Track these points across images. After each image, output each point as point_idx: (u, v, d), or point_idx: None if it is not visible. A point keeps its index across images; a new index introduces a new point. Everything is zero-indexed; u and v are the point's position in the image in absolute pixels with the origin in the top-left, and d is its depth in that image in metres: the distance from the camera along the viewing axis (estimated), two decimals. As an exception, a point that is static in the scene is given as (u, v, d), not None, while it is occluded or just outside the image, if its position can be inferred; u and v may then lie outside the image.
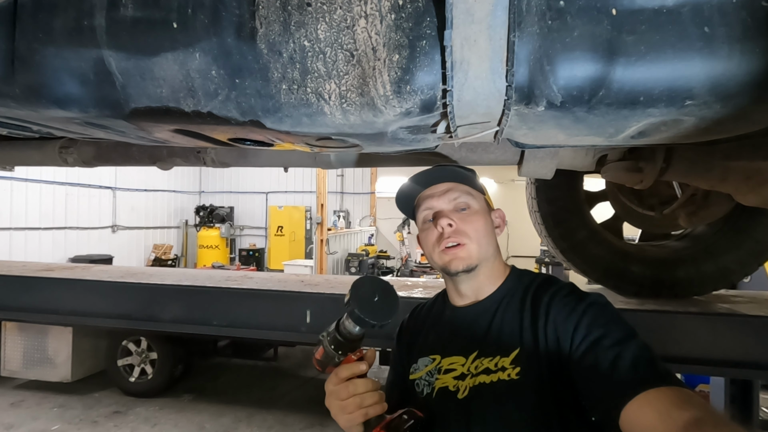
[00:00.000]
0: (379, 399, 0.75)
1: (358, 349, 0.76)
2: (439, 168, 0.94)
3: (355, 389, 0.74)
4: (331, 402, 0.76)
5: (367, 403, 0.73)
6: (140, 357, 4.24)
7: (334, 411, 0.76)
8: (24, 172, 7.67)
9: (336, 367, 0.76)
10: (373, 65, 0.58)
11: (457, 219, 0.87)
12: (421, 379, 0.89)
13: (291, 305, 2.27)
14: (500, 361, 0.81)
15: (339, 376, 0.75)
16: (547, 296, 0.81)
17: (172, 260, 10.68)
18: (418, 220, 0.96)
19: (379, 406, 0.75)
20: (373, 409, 0.74)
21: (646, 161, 1.24)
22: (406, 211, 1.00)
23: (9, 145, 1.81)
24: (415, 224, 0.98)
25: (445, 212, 0.89)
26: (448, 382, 0.85)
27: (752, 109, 0.61)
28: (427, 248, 0.92)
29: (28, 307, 2.66)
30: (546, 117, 0.63)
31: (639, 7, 0.53)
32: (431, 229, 0.90)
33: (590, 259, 1.93)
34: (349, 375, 0.75)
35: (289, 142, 0.83)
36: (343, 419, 0.75)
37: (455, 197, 0.90)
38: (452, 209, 0.89)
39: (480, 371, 0.82)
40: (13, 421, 3.81)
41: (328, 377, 0.77)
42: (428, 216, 0.91)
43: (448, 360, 0.87)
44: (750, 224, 1.78)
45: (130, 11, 0.63)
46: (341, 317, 0.75)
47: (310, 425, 3.83)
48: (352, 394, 0.74)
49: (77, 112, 0.73)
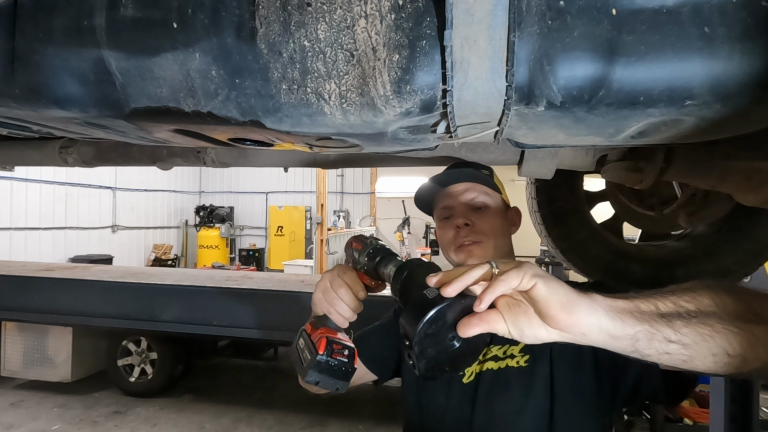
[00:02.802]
0: (348, 317, 0.78)
1: (375, 281, 0.79)
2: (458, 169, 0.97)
3: (342, 294, 0.77)
4: (323, 282, 0.81)
5: (338, 309, 0.78)
6: (140, 357, 4.24)
7: (319, 286, 0.81)
8: (24, 172, 7.68)
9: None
10: (373, 65, 0.58)
11: (473, 217, 0.90)
12: None
13: (291, 305, 2.28)
14: (509, 349, 0.82)
15: (345, 276, 0.79)
16: None
17: (172, 260, 10.68)
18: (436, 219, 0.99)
19: (342, 321, 0.78)
20: (336, 317, 0.78)
21: (646, 161, 1.24)
22: (425, 210, 1.03)
23: (9, 145, 1.81)
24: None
25: (462, 211, 0.92)
26: None
27: (752, 109, 0.61)
28: (443, 245, 0.95)
29: (28, 307, 2.66)
30: (546, 117, 0.63)
31: (639, 7, 0.53)
32: (448, 227, 0.93)
33: (590, 258, 1.93)
34: (350, 283, 0.77)
35: (289, 142, 0.83)
36: (316, 297, 0.81)
37: (473, 197, 0.93)
38: (469, 208, 0.92)
39: (488, 358, 0.83)
40: (13, 420, 3.81)
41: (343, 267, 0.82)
42: (445, 214, 0.95)
43: None
44: (750, 224, 1.78)
45: (130, 11, 0.63)
46: (393, 259, 0.76)
47: (310, 425, 3.83)
48: (337, 295, 0.78)
49: (77, 112, 0.73)
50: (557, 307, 0.51)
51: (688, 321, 0.52)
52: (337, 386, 0.72)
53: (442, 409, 0.84)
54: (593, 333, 0.51)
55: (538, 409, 0.77)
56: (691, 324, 0.52)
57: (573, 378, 0.78)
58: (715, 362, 0.52)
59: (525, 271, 0.52)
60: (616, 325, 0.51)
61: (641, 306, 0.53)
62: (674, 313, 0.53)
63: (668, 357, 0.52)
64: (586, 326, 0.51)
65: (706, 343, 0.51)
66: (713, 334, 0.52)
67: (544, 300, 0.51)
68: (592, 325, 0.51)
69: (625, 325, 0.51)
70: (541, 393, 0.78)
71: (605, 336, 0.51)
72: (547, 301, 0.51)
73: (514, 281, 0.52)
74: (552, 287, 0.51)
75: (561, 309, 0.51)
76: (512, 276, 0.52)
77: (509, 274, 0.52)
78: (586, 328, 0.51)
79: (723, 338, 0.51)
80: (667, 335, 0.51)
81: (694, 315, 0.53)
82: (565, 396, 0.77)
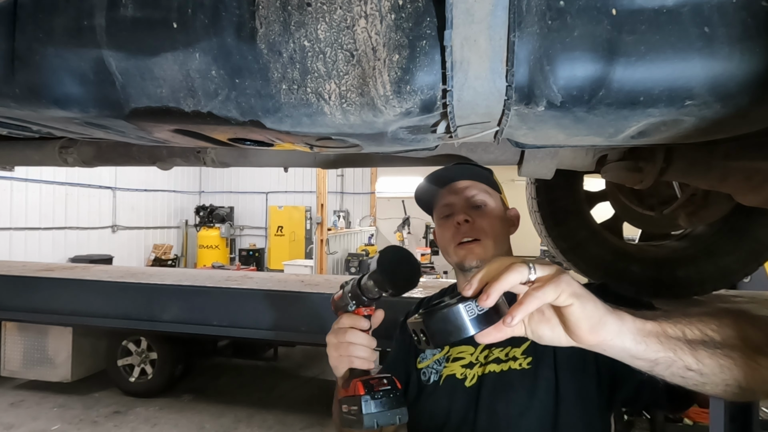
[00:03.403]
0: (369, 356, 0.78)
1: (369, 306, 0.80)
2: (459, 166, 0.97)
3: (351, 338, 0.77)
4: (330, 339, 0.80)
5: (356, 354, 0.77)
6: (140, 357, 4.24)
7: (329, 348, 0.80)
8: (24, 172, 7.67)
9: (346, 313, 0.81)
10: (373, 65, 0.58)
11: (474, 215, 0.90)
12: (429, 368, 0.90)
13: (291, 305, 2.28)
14: (511, 351, 0.82)
15: (342, 321, 0.79)
16: None
17: (172, 260, 10.68)
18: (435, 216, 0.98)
19: (366, 362, 0.78)
20: (359, 362, 0.77)
21: (646, 161, 1.24)
22: (425, 207, 1.02)
23: (9, 145, 1.81)
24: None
25: (463, 208, 0.91)
26: (455, 370, 0.86)
27: (752, 109, 0.61)
28: (443, 243, 0.94)
29: (28, 307, 2.66)
30: (546, 117, 0.63)
31: (639, 7, 0.53)
32: (448, 225, 0.92)
33: (590, 259, 1.93)
34: (350, 324, 0.78)
35: (289, 142, 0.83)
36: (332, 358, 0.80)
37: (473, 195, 0.93)
38: (470, 206, 0.92)
39: (490, 360, 0.83)
40: (13, 420, 3.81)
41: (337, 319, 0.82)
42: (446, 212, 0.94)
43: (456, 349, 0.88)
44: (750, 224, 1.78)
45: (130, 11, 0.62)
46: (366, 273, 0.78)
47: (310, 425, 3.83)
48: (347, 341, 0.77)
49: (77, 112, 0.73)
50: (586, 328, 0.50)
51: (713, 352, 0.52)
52: (398, 416, 0.72)
53: (446, 412, 0.84)
54: (614, 352, 0.52)
55: (542, 411, 0.77)
56: (715, 356, 0.52)
57: (577, 380, 0.77)
58: (725, 391, 0.53)
59: (563, 288, 0.49)
60: (639, 348, 0.51)
61: (668, 330, 0.52)
62: (699, 341, 0.52)
63: (682, 380, 0.52)
64: (609, 348, 0.51)
65: (723, 374, 0.52)
66: (732, 368, 0.51)
67: (576, 321, 0.50)
68: (615, 346, 0.51)
69: (648, 350, 0.51)
70: (544, 395, 0.77)
71: (626, 356, 0.52)
72: (578, 323, 0.50)
73: (550, 297, 0.49)
74: (587, 310, 0.50)
75: (589, 331, 0.50)
76: (549, 292, 0.49)
77: (546, 290, 0.49)
78: (609, 349, 0.51)
79: (740, 372, 0.51)
80: (688, 364, 0.51)
81: (718, 346, 0.52)
82: (569, 398, 0.77)
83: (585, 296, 0.50)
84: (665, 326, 0.53)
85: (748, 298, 2.12)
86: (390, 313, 0.86)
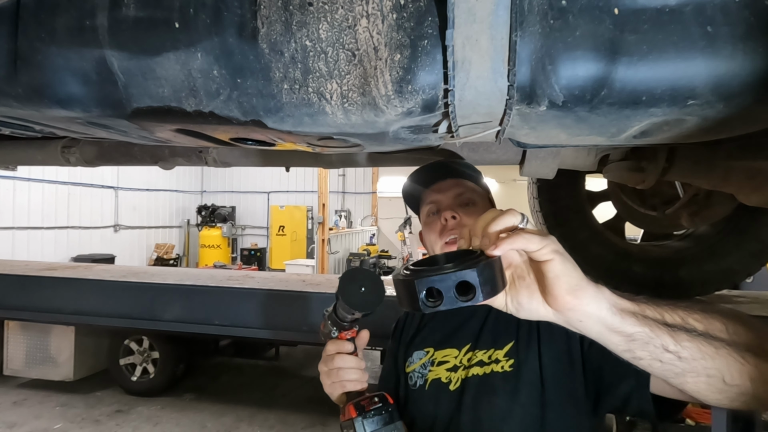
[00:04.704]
0: (359, 377, 0.82)
1: (351, 329, 0.84)
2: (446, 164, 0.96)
3: (338, 363, 0.81)
4: (321, 367, 0.85)
5: (346, 378, 0.81)
6: (142, 356, 4.25)
7: (321, 376, 0.85)
8: (26, 171, 7.70)
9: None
10: (374, 65, 0.58)
11: (461, 213, 0.88)
12: (415, 372, 0.90)
13: (292, 305, 2.28)
14: (494, 353, 0.81)
15: (327, 349, 0.83)
16: None
17: (174, 260, 10.71)
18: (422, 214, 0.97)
19: (358, 383, 0.82)
20: (351, 384, 0.81)
21: (648, 161, 1.24)
22: (411, 206, 1.01)
23: (11, 145, 1.82)
24: (415, 225, 1.00)
25: (450, 205, 0.90)
26: (440, 374, 0.85)
27: (755, 108, 0.61)
28: (429, 241, 0.93)
29: (30, 307, 2.67)
30: (548, 117, 0.63)
31: (641, 6, 0.53)
32: (435, 222, 0.91)
33: (592, 259, 1.92)
34: (335, 350, 0.82)
35: (290, 141, 0.83)
36: (325, 386, 0.85)
37: (460, 192, 0.92)
38: (457, 203, 0.91)
39: (473, 363, 0.82)
40: (15, 419, 3.82)
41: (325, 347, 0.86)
42: (432, 209, 0.93)
43: (441, 353, 0.88)
44: (753, 224, 1.77)
45: (132, 11, 0.63)
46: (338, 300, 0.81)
47: (312, 424, 3.84)
48: (336, 367, 0.81)
49: (79, 111, 0.73)
50: (564, 287, 0.50)
51: (693, 336, 0.51)
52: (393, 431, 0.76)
53: (432, 417, 0.83)
54: (590, 321, 0.50)
55: (525, 416, 0.75)
56: (696, 340, 0.50)
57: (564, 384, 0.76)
58: (708, 384, 0.51)
59: (548, 243, 0.50)
60: (615, 320, 0.50)
61: (647, 311, 0.52)
62: (680, 326, 0.51)
63: (660, 365, 0.51)
64: (585, 313, 0.50)
65: (704, 361, 0.50)
66: (714, 356, 0.50)
67: (555, 278, 0.50)
68: (592, 314, 0.50)
69: (624, 323, 0.50)
70: (527, 399, 0.76)
71: (601, 327, 0.50)
72: (557, 280, 0.50)
73: (534, 244, 0.50)
74: (567, 267, 0.50)
75: (567, 291, 0.50)
76: (536, 238, 0.50)
77: (533, 237, 0.50)
78: (585, 315, 0.50)
79: (723, 362, 0.50)
80: (665, 343, 0.50)
81: (700, 334, 0.51)
82: (556, 402, 0.75)
83: (566, 256, 0.51)
84: (644, 307, 0.52)
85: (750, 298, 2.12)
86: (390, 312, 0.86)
